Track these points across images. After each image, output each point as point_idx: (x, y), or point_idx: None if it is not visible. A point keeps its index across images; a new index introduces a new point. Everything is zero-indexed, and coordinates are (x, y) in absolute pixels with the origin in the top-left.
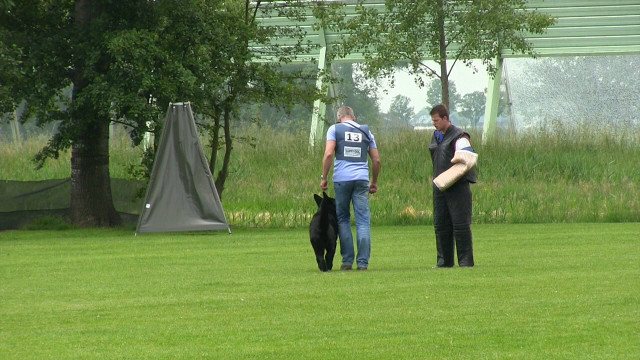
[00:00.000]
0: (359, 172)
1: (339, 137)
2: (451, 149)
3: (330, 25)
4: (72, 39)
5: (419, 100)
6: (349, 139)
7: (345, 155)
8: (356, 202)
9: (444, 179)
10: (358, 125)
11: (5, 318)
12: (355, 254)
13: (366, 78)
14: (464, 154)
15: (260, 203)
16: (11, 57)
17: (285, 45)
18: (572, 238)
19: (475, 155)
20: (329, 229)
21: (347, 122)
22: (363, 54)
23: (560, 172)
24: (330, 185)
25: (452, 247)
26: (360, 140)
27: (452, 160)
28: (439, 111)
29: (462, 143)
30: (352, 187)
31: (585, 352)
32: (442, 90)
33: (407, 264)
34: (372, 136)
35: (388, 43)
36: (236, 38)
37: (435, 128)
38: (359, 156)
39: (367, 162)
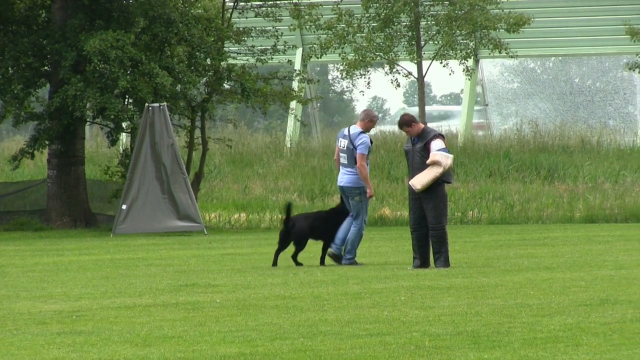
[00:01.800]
0: (345, 178)
1: (338, 143)
2: (425, 150)
3: (307, 26)
4: (48, 40)
5: (395, 102)
6: (340, 145)
7: (340, 161)
8: (350, 205)
9: (420, 181)
10: (351, 131)
11: None
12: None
13: (342, 79)
14: (440, 155)
15: (236, 204)
16: None
17: (261, 46)
18: (548, 239)
19: (451, 156)
20: (295, 226)
21: (353, 127)
22: (339, 55)
23: (536, 173)
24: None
25: (428, 248)
26: (345, 147)
27: (428, 161)
28: (405, 123)
29: (437, 144)
30: (344, 192)
31: (560, 353)
32: (418, 92)
33: (383, 265)
34: (360, 141)
35: (364, 44)
36: (212, 39)
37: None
38: (346, 162)
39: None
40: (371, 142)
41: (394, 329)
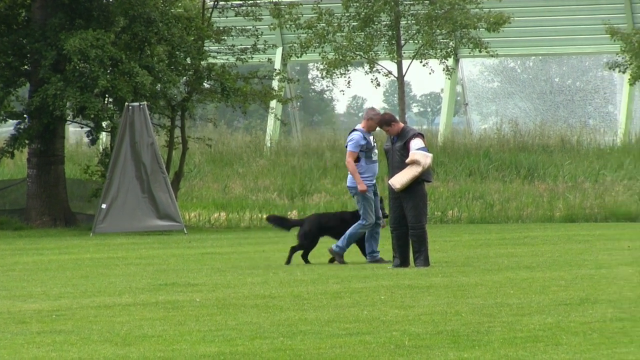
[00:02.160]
0: (348, 178)
1: None
2: (405, 149)
3: (287, 26)
4: (28, 39)
5: (375, 101)
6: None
7: None
8: None
9: (399, 180)
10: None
11: None
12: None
13: (322, 78)
14: (419, 154)
15: (216, 203)
16: None
17: (241, 45)
18: (528, 238)
19: (430, 155)
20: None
21: (357, 126)
22: (319, 54)
23: (516, 172)
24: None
25: (408, 247)
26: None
27: (407, 160)
28: (385, 122)
29: (416, 143)
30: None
31: (540, 352)
32: (398, 91)
33: (363, 264)
34: (349, 139)
35: (344, 43)
36: (192, 38)
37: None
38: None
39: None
40: (368, 140)
41: (373, 328)
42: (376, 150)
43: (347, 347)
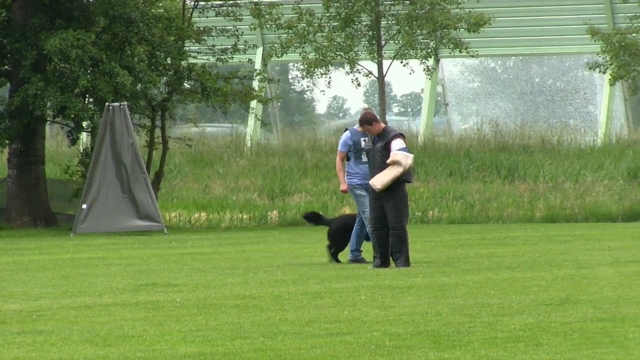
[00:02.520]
0: None
1: None
2: (386, 149)
3: (267, 26)
4: (8, 39)
5: (356, 101)
6: None
7: None
8: None
9: (380, 181)
10: None
11: None
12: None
13: (303, 78)
14: (400, 154)
15: (197, 203)
16: None
17: (222, 45)
18: (508, 239)
19: (411, 155)
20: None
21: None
22: (300, 54)
23: (497, 172)
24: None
25: (389, 247)
26: None
27: (388, 161)
28: (366, 121)
29: (397, 144)
30: None
31: (521, 353)
32: (378, 91)
33: (343, 264)
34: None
35: (325, 43)
36: (173, 38)
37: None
38: None
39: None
40: (356, 141)
41: (354, 329)
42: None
43: (327, 347)
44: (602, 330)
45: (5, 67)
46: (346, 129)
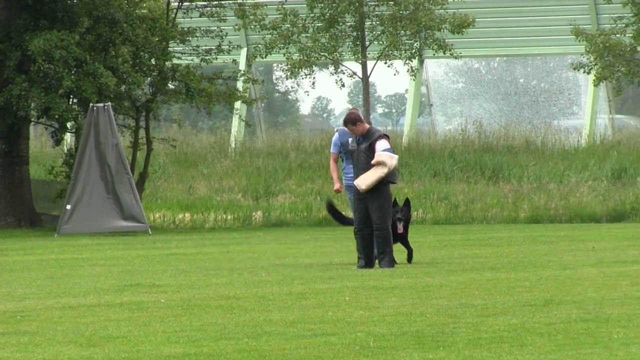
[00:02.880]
0: None
1: None
2: (370, 150)
3: (252, 26)
4: None
5: (340, 102)
6: None
7: None
8: None
9: (364, 181)
10: None
11: None
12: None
13: (287, 79)
14: (385, 155)
15: (181, 204)
16: None
17: (206, 46)
18: (492, 239)
19: (396, 156)
20: None
21: None
22: (284, 55)
23: (481, 173)
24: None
25: (373, 248)
26: None
27: (373, 161)
28: (350, 121)
29: (382, 144)
30: None
31: (505, 353)
32: (363, 92)
33: (327, 265)
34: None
35: (309, 44)
36: (157, 39)
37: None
38: None
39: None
40: (344, 142)
41: (338, 329)
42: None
43: (311, 348)
44: (586, 331)
45: None
46: (337, 130)
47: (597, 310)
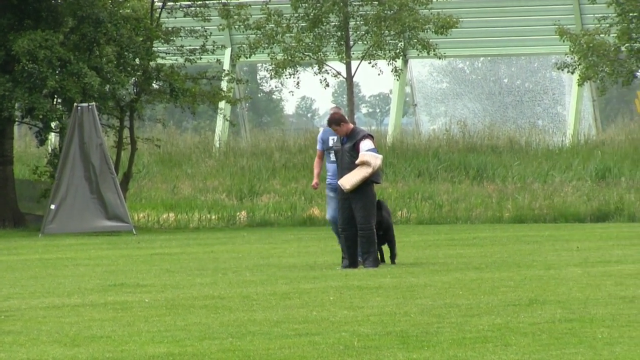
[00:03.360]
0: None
1: None
2: (354, 150)
3: (236, 26)
4: None
5: (324, 101)
6: None
7: None
8: None
9: (348, 181)
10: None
11: None
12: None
13: (271, 79)
14: (369, 155)
15: (165, 204)
16: None
17: (190, 46)
18: (476, 239)
19: (380, 156)
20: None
21: None
22: (268, 54)
23: (465, 173)
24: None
25: (357, 248)
26: None
27: (357, 161)
28: (334, 122)
29: (366, 144)
30: None
31: (489, 353)
32: (347, 91)
33: (311, 265)
34: None
35: (293, 44)
36: (141, 39)
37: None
38: None
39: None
40: (325, 140)
41: (322, 329)
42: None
43: (296, 347)
44: (570, 331)
45: None
46: (321, 127)
47: (581, 310)
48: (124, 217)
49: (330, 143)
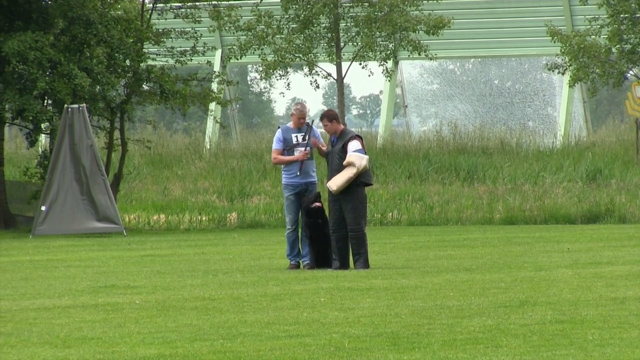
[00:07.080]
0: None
1: None
2: (344, 151)
3: (226, 28)
4: None
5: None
6: None
7: None
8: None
9: (335, 182)
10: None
11: None
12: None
13: (261, 80)
14: (354, 156)
15: (156, 205)
16: None
17: (180, 47)
18: (467, 240)
19: (366, 157)
20: None
21: None
22: (259, 56)
23: (456, 174)
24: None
25: (348, 249)
26: None
27: (344, 163)
28: (327, 116)
29: (353, 145)
30: None
31: (480, 355)
32: (337, 93)
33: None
34: None
35: (284, 45)
36: (132, 40)
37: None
38: None
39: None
40: (287, 137)
41: (313, 331)
42: (302, 148)
43: (287, 349)
44: (561, 332)
45: None
46: (278, 127)
47: (572, 311)
48: (114, 218)
49: (294, 140)
